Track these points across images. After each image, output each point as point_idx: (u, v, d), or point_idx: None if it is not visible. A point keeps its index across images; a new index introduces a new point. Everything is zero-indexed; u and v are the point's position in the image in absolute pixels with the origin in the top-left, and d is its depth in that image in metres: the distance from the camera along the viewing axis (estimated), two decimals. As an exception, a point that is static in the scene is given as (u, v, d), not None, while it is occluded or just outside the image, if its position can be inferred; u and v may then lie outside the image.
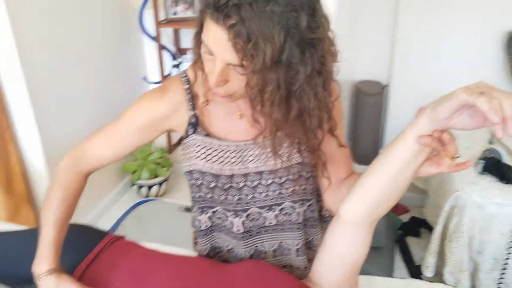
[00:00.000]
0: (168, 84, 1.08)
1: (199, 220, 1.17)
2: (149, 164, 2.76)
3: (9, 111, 2.16)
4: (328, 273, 1.03)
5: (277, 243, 1.17)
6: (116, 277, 1.05)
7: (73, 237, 1.11)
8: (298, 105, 0.88)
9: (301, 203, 1.15)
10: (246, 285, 1.02)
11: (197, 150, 1.08)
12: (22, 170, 2.26)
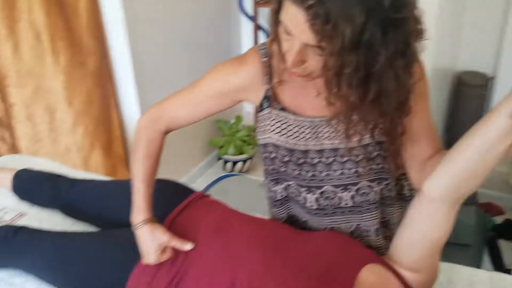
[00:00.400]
0: (246, 56, 1.08)
1: (274, 191, 1.18)
2: (236, 140, 2.84)
3: (115, 79, 2.33)
4: (408, 250, 1.01)
5: (354, 225, 1.14)
6: (201, 229, 1.11)
7: (164, 190, 1.20)
8: (377, 87, 0.85)
9: (378, 182, 1.11)
10: (322, 249, 1.04)
11: (271, 124, 1.08)
12: (122, 134, 2.43)
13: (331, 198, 1.11)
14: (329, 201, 1.12)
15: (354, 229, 1.15)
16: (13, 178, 1.52)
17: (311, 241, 1.07)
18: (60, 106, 2.41)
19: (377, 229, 1.14)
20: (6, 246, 1.19)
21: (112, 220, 1.26)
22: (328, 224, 1.14)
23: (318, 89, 1.02)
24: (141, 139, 1.15)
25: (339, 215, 1.13)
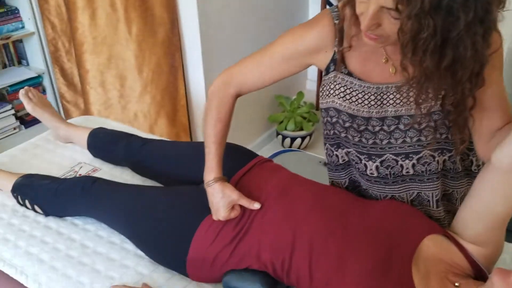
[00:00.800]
0: (318, 18, 1.08)
1: (337, 155, 1.18)
2: (296, 116, 2.85)
3: (184, 50, 2.41)
4: (473, 222, 1.00)
5: (415, 193, 1.13)
6: (265, 190, 1.15)
7: (230, 152, 1.24)
8: (452, 54, 0.83)
9: (440, 152, 1.08)
10: (384, 217, 1.04)
11: (336, 88, 1.08)
12: (187, 104, 2.51)
13: (391, 167, 1.11)
14: (389, 170, 1.11)
15: (415, 197, 1.14)
16: (88, 136, 1.62)
17: (373, 209, 1.09)
18: (130, 74, 2.52)
19: (438, 200, 1.13)
20: (84, 195, 1.29)
21: (180, 179, 1.33)
22: (389, 192, 1.14)
23: (387, 55, 1.02)
24: (213, 102, 1.20)
25: (400, 183, 1.13)
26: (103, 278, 1.14)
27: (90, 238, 1.28)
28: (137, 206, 1.22)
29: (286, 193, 1.13)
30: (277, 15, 2.80)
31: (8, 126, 3.00)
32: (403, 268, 0.94)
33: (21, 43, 3.07)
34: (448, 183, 1.15)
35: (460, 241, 1.02)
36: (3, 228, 1.31)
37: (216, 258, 1.08)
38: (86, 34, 2.51)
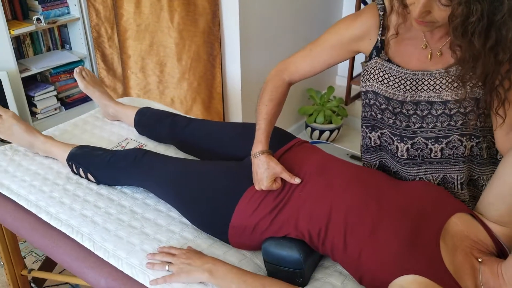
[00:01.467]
0: (364, 10, 1.20)
1: (370, 137, 1.29)
2: (325, 110, 2.93)
3: (223, 40, 2.51)
4: (497, 203, 1.07)
5: (441, 175, 1.22)
6: (304, 167, 1.24)
7: (273, 133, 1.34)
8: (496, 35, 0.94)
9: (468, 138, 1.17)
10: (416, 196, 1.12)
11: (376, 72, 1.19)
12: (222, 92, 2.61)
13: (421, 150, 1.20)
14: (419, 152, 1.21)
15: (441, 180, 1.23)
16: (136, 114, 1.73)
17: (405, 187, 1.17)
18: (170, 61, 2.64)
19: (463, 183, 1.21)
20: (135, 165, 1.39)
21: (223, 156, 1.43)
22: (416, 174, 1.24)
23: (427, 41, 1.12)
24: (267, 86, 1.34)
25: (427, 165, 1.22)
26: (152, 241, 1.25)
27: (139, 205, 1.39)
28: (184, 176, 1.32)
29: (324, 170, 1.22)
30: (314, 10, 2.88)
31: (50, 107, 3.15)
32: (431, 241, 1.02)
33: (65, 28, 3.22)
34: (474, 168, 1.23)
35: (485, 220, 1.09)
36: (59, 193, 1.43)
37: (257, 226, 1.17)
38: (130, 21, 2.63)
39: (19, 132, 1.57)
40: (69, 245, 1.31)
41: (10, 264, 1.74)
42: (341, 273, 1.16)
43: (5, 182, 1.49)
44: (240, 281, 1.07)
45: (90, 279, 1.25)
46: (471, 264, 1.03)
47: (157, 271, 1.15)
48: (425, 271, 0.98)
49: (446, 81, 1.12)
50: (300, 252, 1.11)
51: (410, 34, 1.14)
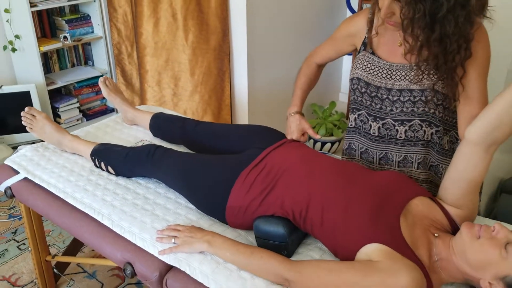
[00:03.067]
0: (360, 12, 1.52)
1: (350, 118, 1.58)
2: (327, 123, 3.14)
3: (232, 56, 2.75)
4: (452, 187, 1.26)
5: (403, 155, 1.47)
6: (291, 158, 1.44)
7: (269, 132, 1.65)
8: (440, 30, 1.17)
9: (428, 124, 1.41)
10: (384, 181, 1.32)
11: (361, 62, 1.47)
12: (231, 103, 2.85)
13: (389, 130, 1.46)
14: (387, 131, 1.46)
15: (401, 159, 1.48)
16: (151, 118, 1.96)
17: (376, 175, 1.36)
18: (184, 75, 2.89)
19: (419, 163, 1.46)
20: (148, 158, 1.61)
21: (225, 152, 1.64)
22: (383, 150, 1.49)
23: (401, 41, 1.38)
24: (302, 67, 1.73)
25: (393, 144, 1.47)
26: (161, 220, 1.46)
27: (151, 193, 1.61)
28: (189, 167, 1.53)
29: (307, 161, 1.43)
30: (315, 31, 3.12)
31: (73, 117, 3.41)
32: (393, 217, 1.21)
33: (89, 45, 3.50)
34: (434, 155, 1.46)
35: (443, 203, 1.29)
36: (83, 182, 1.66)
37: (249, 206, 1.37)
38: (149, 40, 2.90)
39: (50, 131, 1.82)
40: (91, 225, 1.53)
41: (37, 250, 1.97)
42: (321, 248, 1.36)
43: (37, 173, 1.72)
44: (234, 249, 1.27)
45: (108, 253, 1.46)
46: (427, 238, 1.22)
47: (165, 244, 1.36)
48: (385, 241, 1.17)
49: (414, 73, 1.36)
50: (285, 228, 1.31)
51: (390, 33, 1.41)
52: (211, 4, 2.65)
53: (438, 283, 1.20)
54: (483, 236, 1.14)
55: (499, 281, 1.10)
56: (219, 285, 1.23)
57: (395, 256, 1.15)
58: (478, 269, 1.13)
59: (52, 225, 2.53)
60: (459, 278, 1.19)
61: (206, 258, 1.30)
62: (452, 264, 1.18)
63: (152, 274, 1.35)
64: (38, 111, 1.85)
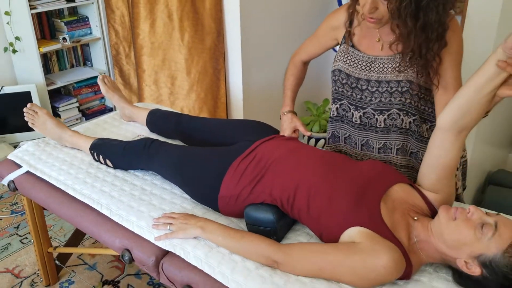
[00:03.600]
0: (342, 6, 1.59)
1: (331, 108, 1.66)
2: (321, 120, 3.22)
3: (226, 56, 2.83)
4: (427, 173, 1.34)
5: (382, 142, 1.56)
6: (280, 149, 1.51)
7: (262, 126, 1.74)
8: (424, 17, 1.25)
9: (405, 113, 1.49)
10: (366, 169, 1.39)
11: (342, 55, 1.55)
12: (226, 101, 2.92)
13: (370, 118, 1.54)
14: (368, 120, 1.55)
15: (381, 146, 1.56)
16: (148, 114, 2.04)
17: (359, 165, 1.44)
18: (180, 74, 2.97)
19: (398, 149, 1.55)
20: (144, 151, 1.69)
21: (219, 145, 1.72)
22: (365, 137, 1.58)
23: (379, 36, 1.47)
24: (289, 66, 1.80)
25: (374, 132, 1.56)
26: (157, 209, 1.54)
27: (148, 184, 1.68)
28: (183, 158, 1.61)
29: (295, 152, 1.50)
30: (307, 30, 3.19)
31: (72, 117, 3.49)
32: (373, 201, 1.29)
33: (87, 46, 3.58)
34: (413, 142, 1.55)
35: (421, 189, 1.36)
36: (83, 175, 1.74)
37: (240, 194, 1.45)
38: (145, 40, 2.98)
39: (51, 127, 1.89)
40: (91, 214, 1.60)
41: (39, 242, 2.04)
42: (308, 233, 1.44)
43: (39, 167, 1.80)
44: (225, 234, 1.34)
45: (107, 240, 1.54)
46: (406, 222, 1.29)
47: (161, 230, 1.43)
48: (367, 224, 1.25)
49: (391, 66, 1.45)
50: (274, 214, 1.38)
51: (368, 30, 1.49)
52: (205, 5, 2.72)
53: (418, 264, 1.27)
54: (459, 218, 1.21)
55: (474, 260, 1.17)
56: (212, 268, 1.31)
57: (375, 237, 1.22)
58: (454, 249, 1.20)
59: (54, 219, 2.60)
60: (437, 259, 1.27)
61: (199, 243, 1.38)
62: (430, 245, 1.25)
63: (149, 259, 1.42)
64: (39, 107, 1.92)
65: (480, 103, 1.20)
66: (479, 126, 2.14)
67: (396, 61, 1.44)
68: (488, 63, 1.15)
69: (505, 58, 1.11)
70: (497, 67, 1.13)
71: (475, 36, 2.00)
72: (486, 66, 1.16)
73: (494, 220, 1.17)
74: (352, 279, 1.21)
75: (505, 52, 1.11)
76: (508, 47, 1.08)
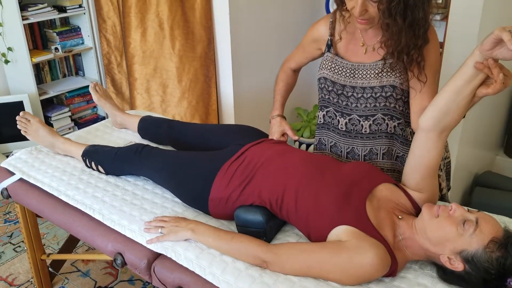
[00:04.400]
0: (322, 18, 1.63)
1: (318, 115, 1.68)
2: (311, 125, 3.26)
3: (217, 63, 2.87)
4: (411, 173, 1.38)
5: (368, 148, 1.58)
6: (268, 152, 1.55)
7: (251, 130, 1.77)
8: (412, 15, 1.30)
9: (390, 117, 1.52)
10: (352, 170, 1.43)
11: (326, 63, 1.58)
12: (217, 108, 2.96)
13: (355, 125, 1.56)
14: (353, 127, 1.57)
15: (367, 152, 1.59)
16: (139, 121, 2.07)
17: (345, 166, 1.48)
18: (171, 82, 3.00)
19: (384, 154, 1.57)
20: (136, 156, 1.71)
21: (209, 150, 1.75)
22: (350, 144, 1.60)
23: (363, 41, 1.50)
24: (279, 73, 1.84)
25: (359, 139, 1.58)
26: (149, 213, 1.56)
27: (139, 189, 1.71)
28: (174, 161, 1.64)
29: (282, 155, 1.54)
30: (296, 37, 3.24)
31: (64, 126, 3.51)
32: (359, 201, 1.32)
33: (79, 56, 3.61)
34: (398, 146, 1.58)
35: (406, 188, 1.40)
36: (75, 181, 1.76)
37: (229, 197, 1.48)
38: (137, 49, 3.02)
39: (44, 134, 1.92)
40: (83, 219, 1.63)
41: (32, 250, 2.06)
42: (297, 234, 1.47)
43: (32, 174, 1.82)
44: (216, 235, 1.37)
45: (99, 244, 1.56)
46: (391, 220, 1.33)
47: (152, 233, 1.46)
48: (352, 222, 1.28)
49: (374, 72, 1.48)
50: (263, 215, 1.42)
51: (352, 36, 1.53)
52: (196, 14, 2.77)
53: (403, 261, 1.31)
54: (441, 215, 1.25)
55: (457, 256, 1.21)
56: (203, 269, 1.34)
57: (361, 235, 1.26)
58: (437, 245, 1.24)
59: (47, 227, 2.62)
60: (422, 256, 1.31)
61: (190, 245, 1.41)
62: (415, 242, 1.29)
63: (141, 262, 1.45)
64: (32, 115, 1.95)
65: (460, 104, 1.25)
66: (464, 129, 2.21)
67: (379, 67, 1.48)
68: (466, 65, 1.20)
69: (482, 60, 1.15)
70: (475, 68, 1.17)
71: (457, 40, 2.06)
72: (464, 68, 1.21)
73: (475, 217, 1.21)
74: (340, 276, 1.24)
75: (482, 54, 1.15)
76: (485, 49, 1.13)
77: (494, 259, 1.16)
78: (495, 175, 2.73)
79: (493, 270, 1.16)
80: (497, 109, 2.83)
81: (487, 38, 1.11)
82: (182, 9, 2.81)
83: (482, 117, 2.49)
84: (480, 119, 2.45)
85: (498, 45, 1.10)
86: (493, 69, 1.13)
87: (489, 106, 2.54)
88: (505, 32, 1.04)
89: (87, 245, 2.45)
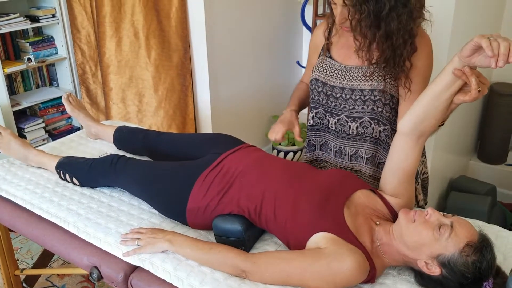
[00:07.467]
0: (319, 25, 1.68)
1: (308, 116, 1.71)
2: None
3: (194, 72, 2.86)
4: (389, 177, 1.40)
5: (355, 149, 1.61)
6: (247, 160, 1.54)
7: (228, 138, 1.75)
8: (385, 27, 1.32)
9: (376, 122, 1.54)
10: (329, 178, 1.44)
11: (320, 65, 1.61)
12: (195, 117, 2.94)
13: (343, 125, 1.60)
14: (341, 127, 1.61)
15: (353, 154, 1.62)
16: (114, 131, 2.04)
17: (322, 173, 1.48)
18: (148, 92, 2.97)
19: (368, 158, 1.60)
20: (111, 168, 1.69)
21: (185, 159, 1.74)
22: (338, 144, 1.64)
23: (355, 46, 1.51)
24: (296, 86, 1.85)
25: (346, 140, 1.61)
26: (125, 225, 1.54)
27: (115, 201, 1.68)
28: (150, 172, 1.62)
29: (260, 163, 1.53)
30: (272, 46, 3.27)
31: (38, 138, 3.44)
32: (337, 207, 1.33)
33: (53, 66, 3.55)
34: (382, 152, 1.60)
35: (383, 194, 1.41)
36: (49, 193, 1.72)
37: (207, 206, 1.47)
38: (112, 58, 2.98)
39: (16, 147, 1.87)
40: (57, 233, 1.59)
41: (5, 265, 2.00)
42: (276, 243, 1.46)
43: (4, 187, 1.78)
44: (194, 246, 1.36)
45: (75, 258, 1.53)
46: (369, 226, 1.34)
47: (129, 246, 1.44)
48: (331, 229, 1.28)
49: (364, 74, 1.50)
50: (241, 224, 1.41)
51: (345, 39, 1.56)
52: (171, 23, 2.76)
53: (381, 267, 1.31)
54: (417, 220, 1.26)
55: (434, 260, 1.22)
56: (181, 281, 1.32)
57: (339, 242, 1.26)
58: (414, 250, 1.25)
59: (21, 242, 2.55)
60: (400, 261, 1.31)
61: (168, 256, 1.38)
62: (392, 248, 1.30)
63: (118, 275, 1.42)
64: (3, 127, 1.90)
65: (438, 110, 1.27)
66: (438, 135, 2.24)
67: (370, 70, 1.50)
68: (445, 72, 1.22)
69: (461, 67, 1.18)
70: (453, 75, 1.19)
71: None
72: (443, 75, 1.23)
73: (450, 221, 1.23)
74: (319, 283, 1.24)
75: (461, 61, 1.17)
76: (464, 55, 1.15)
77: (470, 263, 1.17)
78: (469, 179, 2.79)
79: (469, 274, 1.17)
80: (470, 115, 2.89)
81: (467, 45, 1.13)
82: (158, 18, 2.80)
83: (456, 123, 2.54)
84: (453, 125, 2.49)
85: (477, 52, 1.12)
86: (469, 77, 1.15)
87: (462, 112, 2.60)
88: (484, 39, 1.06)
89: (62, 259, 2.40)
